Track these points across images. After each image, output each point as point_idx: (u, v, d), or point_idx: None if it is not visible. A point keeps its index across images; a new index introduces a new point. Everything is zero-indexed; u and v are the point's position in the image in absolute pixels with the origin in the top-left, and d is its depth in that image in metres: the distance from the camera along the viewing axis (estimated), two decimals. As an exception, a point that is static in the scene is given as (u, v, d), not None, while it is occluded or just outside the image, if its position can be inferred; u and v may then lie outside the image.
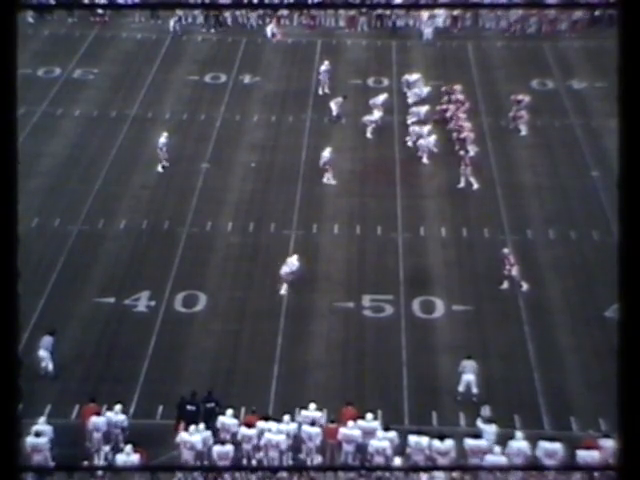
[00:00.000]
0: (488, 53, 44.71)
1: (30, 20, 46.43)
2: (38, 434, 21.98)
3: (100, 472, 22.43)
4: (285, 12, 46.70)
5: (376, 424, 22.78)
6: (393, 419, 23.54)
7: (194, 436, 21.99)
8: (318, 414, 22.99)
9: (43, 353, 24.92)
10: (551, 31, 46.19)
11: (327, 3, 34.78)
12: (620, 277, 3.16)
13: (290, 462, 22.32)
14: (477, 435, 22.41)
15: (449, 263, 30.18)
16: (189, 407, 23.04)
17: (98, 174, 34.33)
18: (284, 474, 21.77)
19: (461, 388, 24.63)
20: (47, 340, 25.07)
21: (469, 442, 22.11)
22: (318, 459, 22.63)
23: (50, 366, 24.92)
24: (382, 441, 22.10)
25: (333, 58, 43.89)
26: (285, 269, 28.50)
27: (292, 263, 28.63)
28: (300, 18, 47.61)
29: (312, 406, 23.07)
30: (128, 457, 21.39)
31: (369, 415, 22.92)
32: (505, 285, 28.65)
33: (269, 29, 46.09)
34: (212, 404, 23.23)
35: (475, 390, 24.60)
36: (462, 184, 33.67)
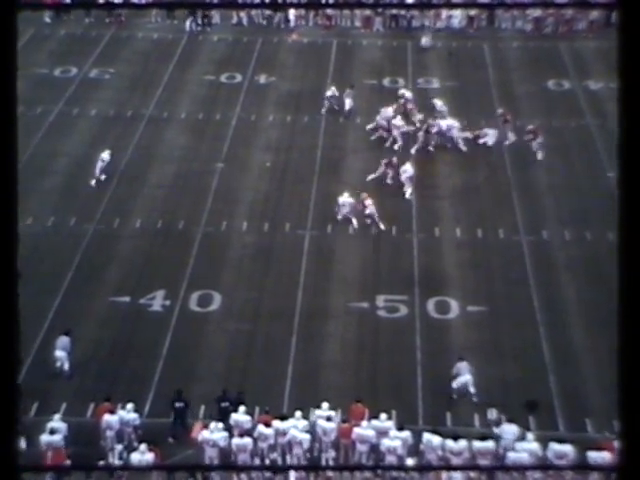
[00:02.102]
0: (504, 54, 44.59)
1: (47, 20, 46.66)
2: (53, 431, 22.09)
3: (117, 471, 22.53)
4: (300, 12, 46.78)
5: (390, 424, 22.80)
6: (407, 420, 23.53)
7: (215, 434, 22.11)
8: (331, 413, 23.05)
9: (60, 353, 25.01)
10: (567, 31, 46.04)
11: (335, 3, 34.77)
12: (620, 277, 3.15)
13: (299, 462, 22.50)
14: (485, 437, 22.40)
15: (464, 264, 30.13)
16: (223, 404, 23.20)
17: (114, 173, 34.43)
18: (302, 473, 21.83)
19: (455, 385, 24.62)
20: (64, 340, 25.16)
21: (477, 444, 22.10)
22: (332, 455, 22.72)
23: (66, 365, 25.02)
24: (394, 440, 22.12)
25: (348, 58, 43.93)
26: (344, 210, 31.09)
27: (344, 202, 31.23)
28: (316, 18, 47.62)
29: (325, 405, 23.13)
30: (143, 456, 21.47)
31: (383, 415, 22.94)
32: (355, 224, 31.17)
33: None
34: (226, 403, 23.31)
35: (473, 390, 24.59)
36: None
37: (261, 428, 22.44)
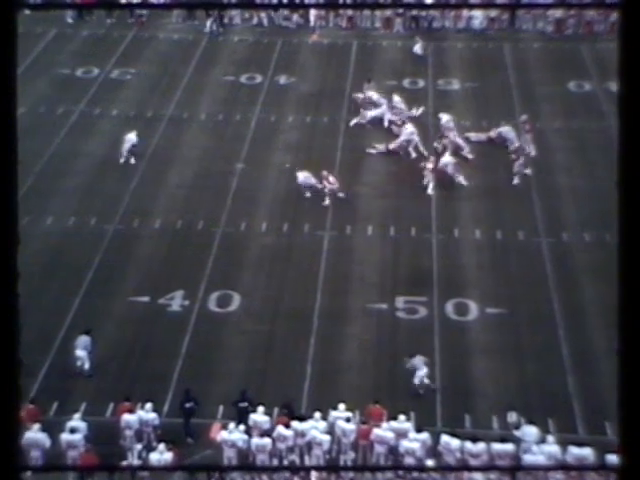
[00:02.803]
0: (525, 55, 44.45)
1: (69, 21, 46.93)
2: (73, 430, 22.21)
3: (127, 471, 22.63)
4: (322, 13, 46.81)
5: (408, 425, 22.80)
6: (426, 421, 23.51)
7: (234, 434, 22.18)
8: (349, 414, 23.05)
9: (80, 352, 25.14)
10: (589, 33, 45.84)
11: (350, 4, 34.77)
12: (620, 277, 3.16)
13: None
14: (505, 439, 22.35)
15: (483, 265, 30.07)
16: (241, 404, 23.29)
17: (134, 173, 34.59)
18: (323, 474, 21.86)
19: (417, 382, 24.73)
20: (84, 340, 25.29)
21: (496, 447, 22.07)
22: (351, 456, 22.75)
23: (87, 365, 25.14)
24: (413, 442, 22.12)
25: (368, 59, 43.90)
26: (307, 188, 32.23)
27: (305, 179, 32.52)
28: (336, 19, 47.65)
29: (342, 406, 23.14)
30: (161, 455, 21.56)
31: (402, 416, 22.94)
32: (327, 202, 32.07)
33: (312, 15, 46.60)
34: (245, 403, 23.36)
35: (428, 381, 24.76)
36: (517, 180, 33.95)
37: (280, 429, 22.49)
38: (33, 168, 34.47)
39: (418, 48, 43.97)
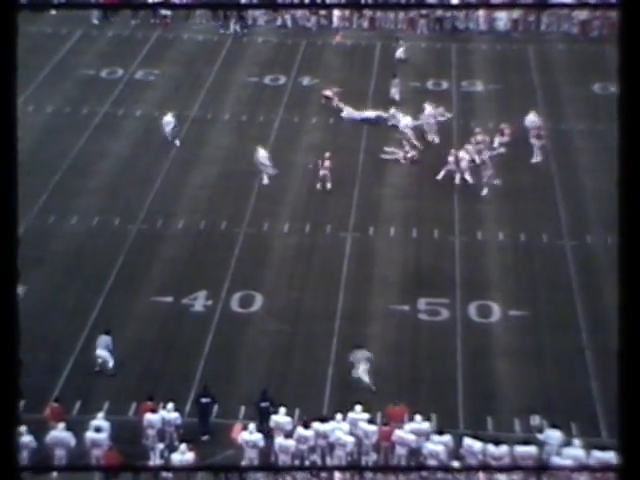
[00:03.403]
0: (549, 56, 44.27)
1: (95, 22, 47.18)
2: (98, 429, 22.31)
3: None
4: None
5: (427, 425, 22.76)
6: (448, 423, 23.46)
7: (254, 435, 22.22)
8: (365, 416, 23.02)
9: (100, 352, 25.27)
10: (614, 34, 45.59)
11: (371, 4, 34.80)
12: (620, 278, 3.15)
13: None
14: (527, 442, 22.28)
15: (506, 267, 29.97)
16: (262, 404, 23.32)
17: (158, 174, 34.74)
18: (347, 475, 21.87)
19: (354, 375, 24.85)
20: (104, 339, 25.42)
21: (519, 449, 22.01)
22: (373, 457, 22.73)
23: (110, 363, 25.26)
24: (437, 445, 22.07)
25: (392, 60, 43.84)
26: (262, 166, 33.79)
27: (261, 158, 33.93)
28: (360, 20, 47.63)
29: (358, 408, 23.10)
30: (183, 456, 21.60)
31: (418, 417, 22.87)
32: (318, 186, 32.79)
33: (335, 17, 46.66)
34: (267, 403, 23.40)
35: (367, 379, 24.78)
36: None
37: (300, 430, 22.50)
38: (58, 168, 34.71)
39: (401, 53, 43.49)
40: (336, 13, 47.26)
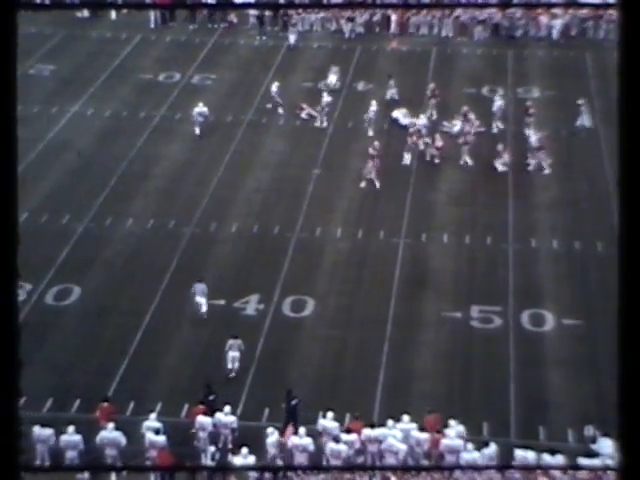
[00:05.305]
0: (606, 63, 43.75)
1: (152, 27, 47.77)
2: (158, 431, 22.52)
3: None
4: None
5: (462, 428, 22.58)
6: (499, 432, 23.32)
7: (304, 439, 22.28)
8: (414, 425, 22.89)
9: (199, 299, 27.36)
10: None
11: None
12: (620, 278, 3.14)
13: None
14: (591, 454, 21.98)
15: (560, 276, 29.70)
16: (292, 403, 23.44)
17: (212, 177, 35.03)
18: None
19: (229, 365, 25.28)
20: (200, 287, 27.47)
21: (583, 461, 21.73)
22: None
23: (204, 308, 27.22)
24: (472, 453, 21.93)
25: (447, 66, 43.74)
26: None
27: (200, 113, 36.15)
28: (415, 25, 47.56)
29: (406, 418, 22.96)
30: (245, 459, 21.66)
31: (452, 421, 22.69)
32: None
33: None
34: (296, 401, 23.45)
35: (237, 365, 25.25)
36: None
37: (343, 436, 22.49)
38: (115, 171, 35.18)
39: (393, 93, 40.45)
40: (393, 18, 47.26)
